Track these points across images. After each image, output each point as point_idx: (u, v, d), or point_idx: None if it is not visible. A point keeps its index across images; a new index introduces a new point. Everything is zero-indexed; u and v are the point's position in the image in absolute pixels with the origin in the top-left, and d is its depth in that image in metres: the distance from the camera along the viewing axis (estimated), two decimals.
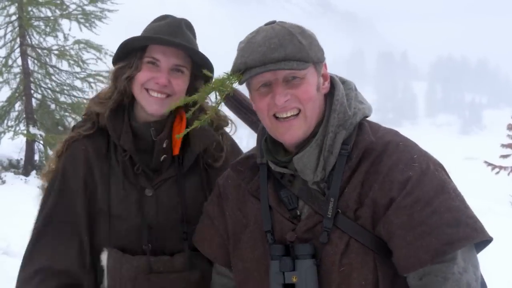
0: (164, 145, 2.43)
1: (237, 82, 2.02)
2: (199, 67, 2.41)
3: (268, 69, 1.94)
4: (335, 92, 2.08)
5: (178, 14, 2.51)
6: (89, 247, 2.41)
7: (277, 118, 2.03)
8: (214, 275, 2.38)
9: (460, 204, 1.93)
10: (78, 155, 2.45)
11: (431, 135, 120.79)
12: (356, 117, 2.07)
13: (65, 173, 2.45)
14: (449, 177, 2.01)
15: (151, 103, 2.39)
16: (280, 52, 1.93)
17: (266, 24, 2.05)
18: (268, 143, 2.15)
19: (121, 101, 2.46)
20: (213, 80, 2.08)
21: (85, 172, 2.43)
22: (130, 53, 2.41)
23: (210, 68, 2.38)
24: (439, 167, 2.02)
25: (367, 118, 2.15)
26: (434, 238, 1.86)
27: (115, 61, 2.46)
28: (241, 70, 1.99)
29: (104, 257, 2.40)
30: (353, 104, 2.10)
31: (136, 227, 2.40)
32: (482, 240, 1.93)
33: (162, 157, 2.44)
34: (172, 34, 2.35)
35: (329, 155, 2.01)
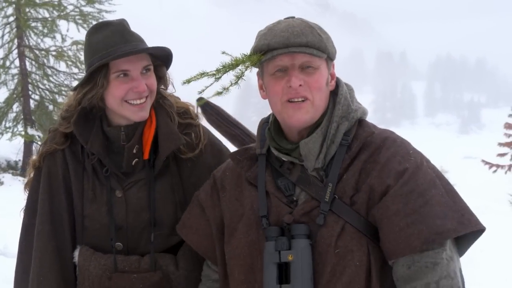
0: (135, 151, 2.47)
1: (257, 62, 2.12)
2: (155, 57, 2.48)
3: (291, 51, 2.07)
4: (339, 89, 2.22)
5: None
6: (71, 246, 2.48)
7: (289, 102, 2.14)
8: (207, 270, 2.40)
9: (448, 200, 2.05)
10: (56, 154, 2.53)
11: (431, 134, 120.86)
12: (357, 112, 2.20)
13: (47, 173, 2.52)
14: (439, 173, 2.15)
15: (136, 112, 2.43)
16: (302, 38, 2.08)
17: (285, 18, 2.19)
18: (272, 131, 2.23)
19: (89, 110, 2.50)
20: (234, 58, 2.13)
21: (63, 169, 2.51)
22: (91, 74, 2.42)
23: (166, 52, 2.46)
24: (431, 164, 2.16)
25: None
26: (425, 226, 1.98)
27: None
28: (262, 51, 2.10)
29: (76, 254, 2.47)
30: (355, 102, 2.23)
31: (106, 227, 2.46)
32: (467, 232, 2.03)
33: (134, 161, 2.49)
34: (127, 41, 2.39)
35: (331, 144, 2.13)
